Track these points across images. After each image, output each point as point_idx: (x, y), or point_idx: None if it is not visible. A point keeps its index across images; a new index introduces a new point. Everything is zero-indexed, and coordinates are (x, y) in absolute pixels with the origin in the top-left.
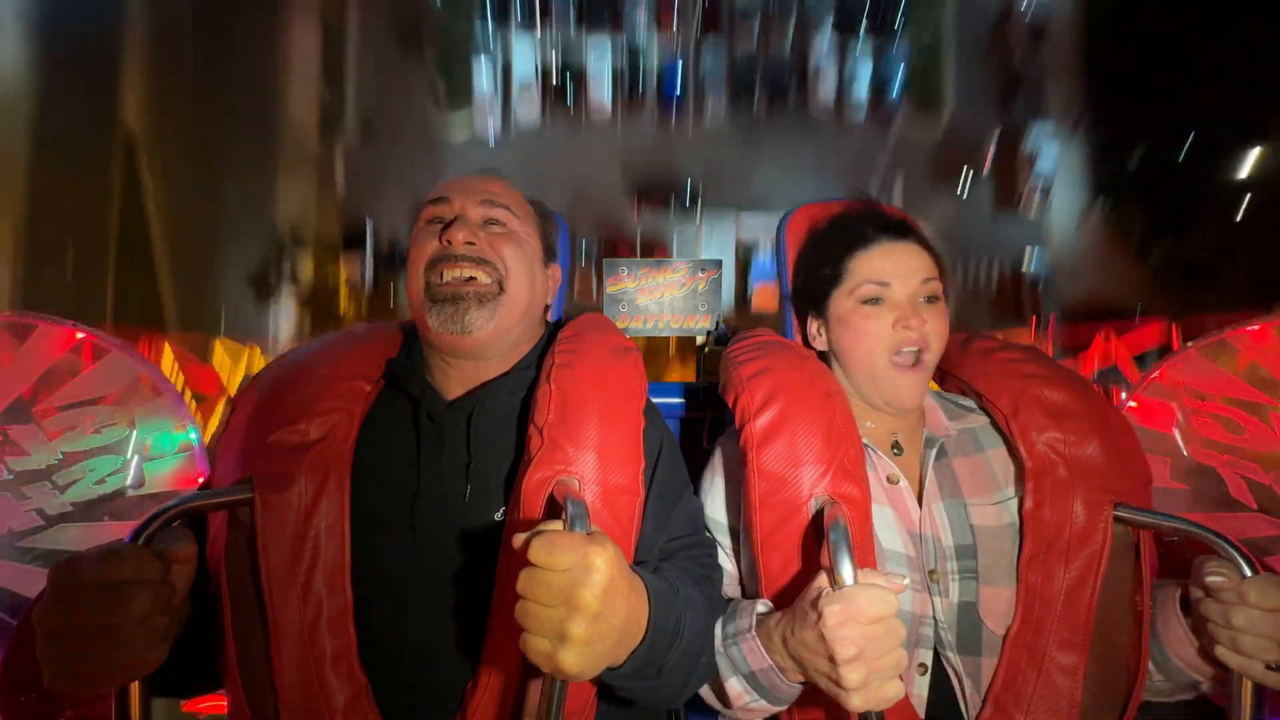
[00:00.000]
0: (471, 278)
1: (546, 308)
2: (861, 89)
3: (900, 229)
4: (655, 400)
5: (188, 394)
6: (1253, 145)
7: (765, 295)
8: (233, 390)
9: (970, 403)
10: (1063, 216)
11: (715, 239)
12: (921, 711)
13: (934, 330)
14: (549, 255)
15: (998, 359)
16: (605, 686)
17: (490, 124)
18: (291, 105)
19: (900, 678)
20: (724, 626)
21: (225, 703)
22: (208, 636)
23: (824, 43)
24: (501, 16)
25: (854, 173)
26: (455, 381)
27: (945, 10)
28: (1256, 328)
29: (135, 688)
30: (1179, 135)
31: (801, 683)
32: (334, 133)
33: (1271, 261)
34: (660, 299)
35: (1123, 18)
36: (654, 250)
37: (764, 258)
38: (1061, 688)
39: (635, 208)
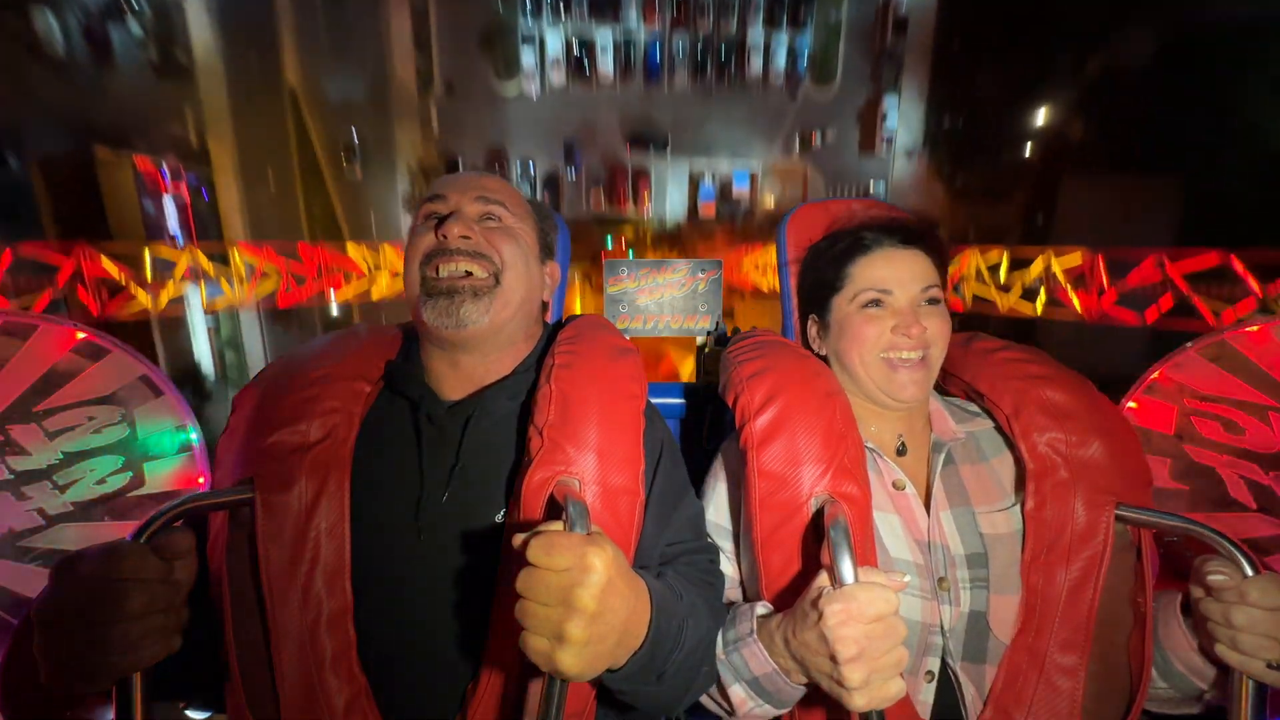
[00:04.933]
0: (468, 273)
1: (545, 306)
2: (779, 65)
3: (903, 235)
4: (655, 400)
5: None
6: (1040, 105)
7: (708, 209)
8: (364, 267)
9: (975, 407)
10: (901, 158)
11: (676, 174)
12: (926, 718)
13: (935, 333)
14: (546, 252)
15: (999, 359)
16: (605, 690)
17: (532, 87)
18: (396, 69)
19: (906, 685)
20: (724, 633)
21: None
22: (208, 637)
23: (756, 31)
24: (537, 13)
25: (770, 125)
26: (455, 383)
27: (842, 7)
28: (1256, 328)
29: (135, 684)
30: (985, 102)
31: (804, 684)
32: (427, 91)
33: (1047, 184)
34: (660, 299)
35: (960, 21)
36: (639, 178)
37: (708, 183)
38: (1063, 689)
39: (627, 149)
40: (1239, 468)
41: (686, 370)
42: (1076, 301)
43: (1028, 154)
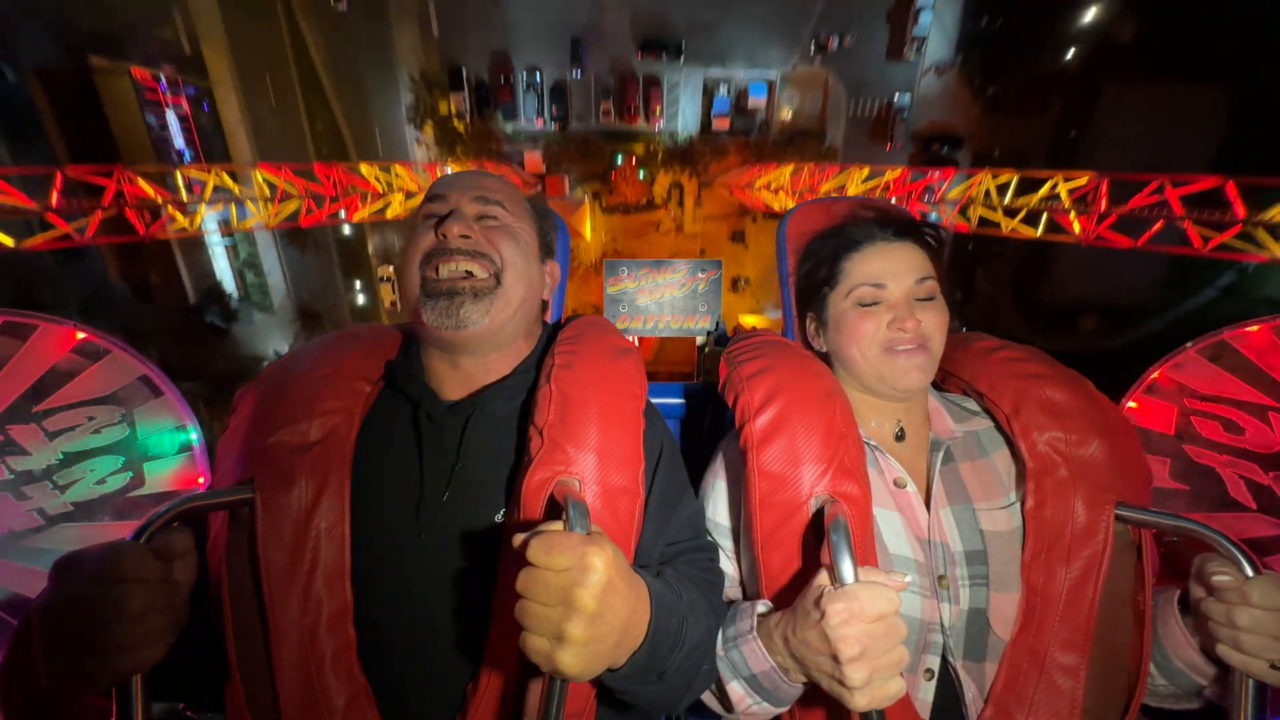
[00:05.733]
0: (468, 273)
1: (545, 305)
2: None
3: (897, 228)
4: (655, 400)
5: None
6: (1089, 1)
7: (722, 122)
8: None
9: (973, 404)
10: (930, 66)
11: (690, 84)
12: (926, 716)
13: (932, 327)
14: (546, 252)
15: (999, 359)
16: (605, 689)
17: None
18: None
19: (905, 683)
20: (724, 630)
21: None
22: (208, 637)
23: None
24: None
25: (789, 28)
26: (455, 383)
27: None
28: (1256, 328)
29: (135, 685)
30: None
31: (802, 683)
32: None
33: (1085, 95)
34: (660, 299)
35: None
36: (651, 89)
37: (723, 94)
38: (1063, 688)
39: (639, 56)
40: (1239, 468)
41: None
42: (1076, 224)
43: (1069, 57)
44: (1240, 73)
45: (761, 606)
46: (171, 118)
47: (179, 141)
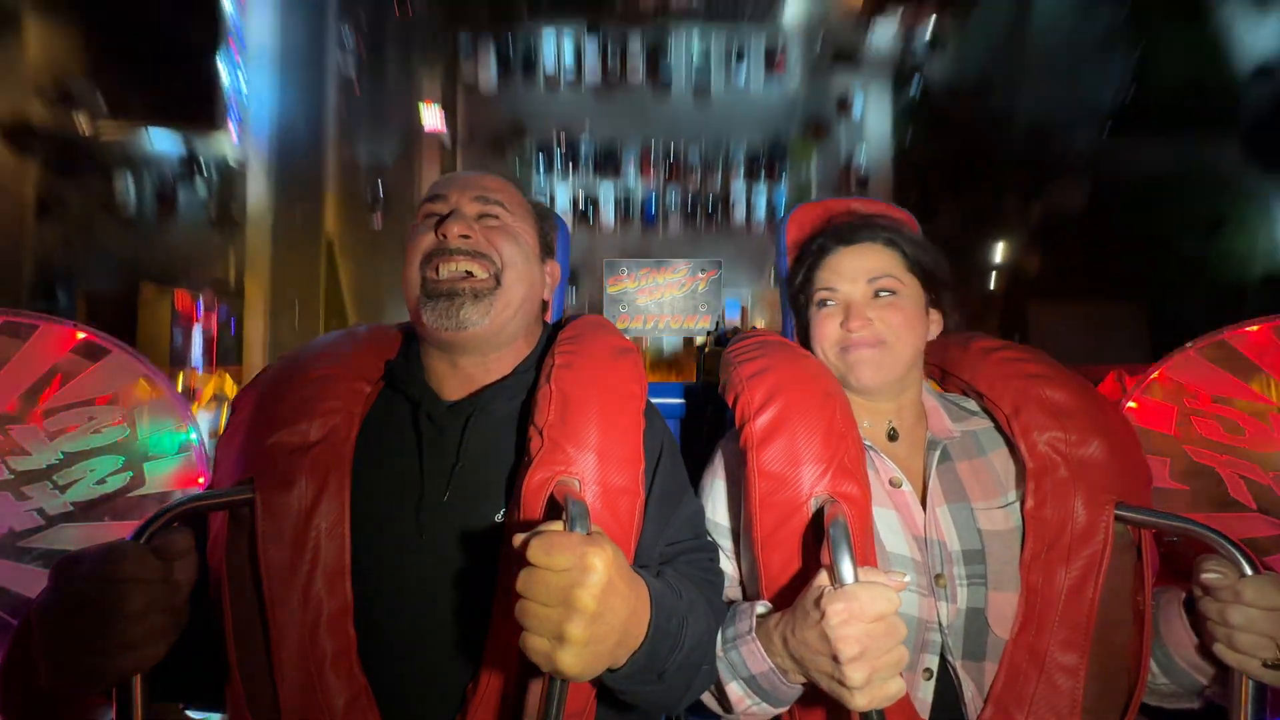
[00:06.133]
0: (468, 273)
1: (546, 305)
2: (760, 213)
3: (863, 233)
4: (655, 400)
5: None
6: (995, 244)
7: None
8: None
9: (973, 404)
10: None
11: None
12: (925, 715)
13: (887, 325)
14: (546, 251)
15: (999, 359)
16: (605, 689)
17: None
18: None
19: (904, 681)
20: (724, 630)
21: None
22: (208, 637)
23: (738, 186)
24: (549, 172)
25: (756, 263)
26: (455, 383)
27: (811, 165)
28: (1256, 328)
29: (135, 685)
30: (945, 244)
31: (801, 684)
32: None
33: (1015, 312)
34: (660, 299)
35: (914, 176)
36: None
37: None
38: (1063, 688)
39: None
40: (1239, 468)
41: None
42: None
43: (992, 286)
44: (1146, 294)
45: (760, 607)
46: (196, 334)
47: (196, 353)
